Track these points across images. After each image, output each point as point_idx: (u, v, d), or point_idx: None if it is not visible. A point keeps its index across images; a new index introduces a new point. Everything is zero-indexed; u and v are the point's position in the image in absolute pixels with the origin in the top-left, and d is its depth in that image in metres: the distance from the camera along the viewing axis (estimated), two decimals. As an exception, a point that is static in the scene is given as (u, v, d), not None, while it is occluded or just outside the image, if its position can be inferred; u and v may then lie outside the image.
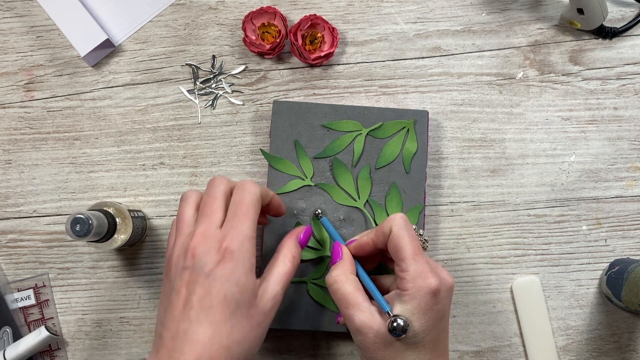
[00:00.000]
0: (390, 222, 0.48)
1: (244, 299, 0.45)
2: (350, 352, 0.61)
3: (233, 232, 0.45)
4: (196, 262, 0.45)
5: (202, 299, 0.44)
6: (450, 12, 0.64)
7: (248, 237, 0.46)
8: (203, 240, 0.45)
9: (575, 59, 0.63)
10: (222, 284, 0.44)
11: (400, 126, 0.60)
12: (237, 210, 0.46)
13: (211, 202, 0.47)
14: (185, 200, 0.50)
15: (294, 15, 0.64)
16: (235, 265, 0.44)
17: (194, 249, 0.45)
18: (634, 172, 0.63)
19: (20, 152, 0.63)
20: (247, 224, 0.46)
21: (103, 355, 0.62)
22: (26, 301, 0.62)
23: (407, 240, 0.47)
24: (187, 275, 0.45)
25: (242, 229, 0.46)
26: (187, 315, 0.44)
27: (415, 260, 0.46)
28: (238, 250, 0.45)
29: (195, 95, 0.63)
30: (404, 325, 0.44)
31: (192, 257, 0.45)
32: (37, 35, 0.64)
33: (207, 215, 0.47)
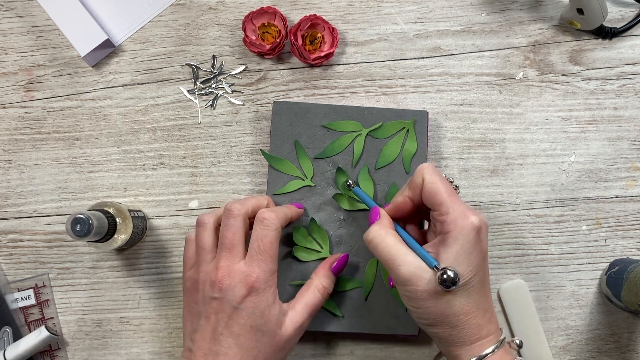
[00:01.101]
0: (422, 171, 0.48)
1: (269, 329, 0.49)
2: (350, 352, 0.61)
3: (258, 270, 0.49)
4: (224, 294, 0.48)
5: (230, 327, 0.48)
6: (450, 12, 0.64)
7: (272, 273, 0.49)
8: (229, 275, 0.49)
9: (575, 59, 0.64)
10: (249, 315, 0.48)
11: (400, 126, 0.60)
12: (259, 247, 0.49)
13: (230, 237, 0.50)
14: (202, 226, 0.52)
15: (294, 15, 0.64)
16: (260, 300, 0.48)
17: (220, 282, 0.49)
18: (634, 172, 0.63)
19: (20, 152, 0.63)
20: (270, 261, 0.49)
21: (103, 355, 0.62)
22: (26, 301, 0.62)
23: (441, 183, 0.47)
24: (216, 304, 0.49)
25: (265, 267, 0.49)
26: (218, 339, 0.48)
27: (452, 202, 0.47)
28: (263, 287, 0.49)
29: (195, 95, 0.63)
30: (454, 277, 0.44)
31: (220, 290, 0.48)
32: (37, 35, 0.64)
33: (229, 249, 0.50)
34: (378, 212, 0.51)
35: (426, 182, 0.48)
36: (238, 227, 0.50)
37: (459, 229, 0.46)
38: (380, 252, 0.48)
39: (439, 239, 0.47)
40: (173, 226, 0.62)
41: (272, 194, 0.59)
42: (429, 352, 0.61)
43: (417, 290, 0.46)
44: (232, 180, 0.62)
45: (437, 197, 0.47)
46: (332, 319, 0.58)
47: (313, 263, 0.59)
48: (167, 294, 0.62)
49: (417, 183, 0.49)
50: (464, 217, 0.46)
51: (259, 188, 0.62)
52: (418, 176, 0.49)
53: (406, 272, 0.46)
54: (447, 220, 0.46)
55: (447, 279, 0.44)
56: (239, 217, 0.50)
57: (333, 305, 0.58)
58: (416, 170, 0.49)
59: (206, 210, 0.62)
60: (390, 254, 0.47)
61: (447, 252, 0.46)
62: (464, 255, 0.45)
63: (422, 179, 0.48)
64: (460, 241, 0.45)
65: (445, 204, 0.47)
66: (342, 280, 0.59)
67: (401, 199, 0.50)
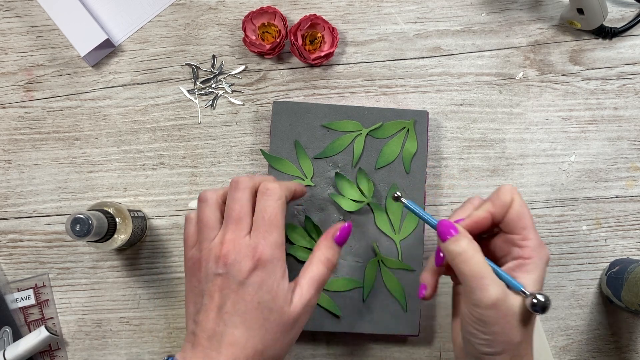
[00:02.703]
0: (512, 192, 0.47)
1: (277, 306, 0.46)
2: (350, 352, 0.61)
3: (264, 242, 0.46)
4: (229, 269, 0.45)
5: (236, 305, 0.45)
6: (450, 12, 0.64)
7: (278, 245, 0.47)
8: (234, 249, 0.46)
9: (575, 59, 0.63)
10: (256, 291, 0.45)
11: (400, 126, 0.60)
12: (264, 218, 0.47)
13: (238, 209, 0.47)
14: (205, 202, 0.49)
15: (294, 15, 0.64)
16: (267, 274, 0.45)
17: (225, 257, 0.46)
18: (634, 172, 0.62)
19: (20, 152, 0.63)
20: (276, 232, 0.47)
21: (103, 355, 0.62)
22: (26, 301, 0.62)
23: (527, 208, 0.47)
24: (220, 281, 0.46)
25: (272, 239, 0.46)
26: (223, 319, 0.45)
27: (534, 229, 0.46)
28: (270, 259, 0.46)
29: (195, 95, 0.63)
30: (545, 302, 0.43)
31: (225, 265, 0.45)
32: (37, 35, 0.64)
33: (234, 221, 0.47)
34: (454, 226, 0.46)
35: (516, 203, 0.47)
36: (245, 199, 0.47)
37: (539, 257, 0.45)
38: (471, 268, 0.44)
39: (515, 264, 0.46)
40: (173, 226, 0.62)
41: None
42: (429, 352, 0.61)
43: (499, 315, 0.44)
44: (232, 180, 0.62)
45: (524, 220, 0.46)
46: (332, 319, 0.58)
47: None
48: (167, 294, 0.62)
49: (504, 202, 0.47)
50: (542, 247, 0.46)
51: (259, 188, 0.62)
52: (506, 195, 0.47)
53: (494, 294, 0.43)
54: (529, 246, 0.46)
55: (538, 303, 0.43)
56: (246, 190, 0.48)
57: (333, 305, 0.58)
58: (502, 189, 0.48)
59: (206, 210, 0.62)
60: (482, 272, 0.44)
61: (528, 278, 0.45)
62: (539, 284, 0.45)
63: (512, 199, 0.47)
64: (539, 269, 0.45)
65: (530, 230, 0.46)
66: (342, 281, 0.59)
67: (484, 214, 0.48)
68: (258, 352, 0.45)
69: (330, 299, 0.58)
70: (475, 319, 0.44)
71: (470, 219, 0.48)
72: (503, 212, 0.47)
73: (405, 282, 0.59)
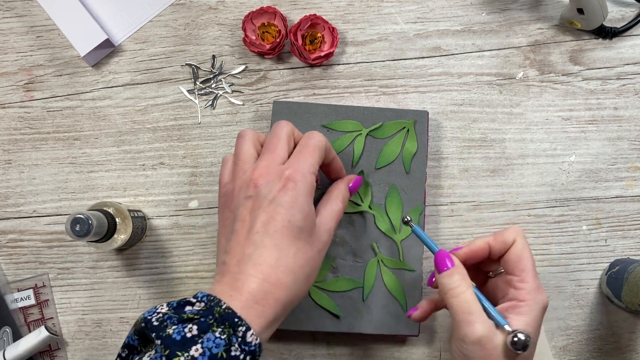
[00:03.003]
0: (515, 233, 0.49)
1: (307, 226, 0.46)
2: (350, 352, 0.61)
3: (296, 165, 0.46)
4: (260, 190, 0.45)
5: (266, 224, 0.44)
6: (450, 12, 0.64)
7: (310, 172, 0.47)
8: (267, 173, 0.46)
9: (575, 59, 0.63)
10: (286, 209, 0.45)
11: (400, 126, 0.60)
12: (303, 149, 0.47)
13: (276, 142, 0.48)
14: (243, 137, 0.50)
15: (294, 15, 0.64)
16: (298, 193, 0.45)
17: (256, 180, 0.46)
18: (634, 172, 0.62)
19: (20, 152, 0.63)
20: (310, 161, 0.47)
21: (103, 355, 0.62)
22: (26, 301, 0.62)
23: (529, 253, 0.48)
24: (251, 203, 0.45)
25: (305, 163, 0.47)
26: (252, 240, 0.44)
27: (534, 273, 0.47)
28: (301, 180, 0.46)
29: (195, 95, 0.63)
30: (526, 340, 0.44)
31: (255, 187, 0.45)
32: (37, 35, 0.64)
33: (270, 151, 0.47)
34: (450, 258, 0.48)
35: (518, 244, 0.48)
36: (284, 136, 0.48)
37: (535, 301, 0.46)
38: (458, 304, 0.46)
39: (509, 305, 0.47)
40: (173, 226, 0.62)
41: None
42: (429, 352, 0.61)
43: (482, 351, 0.45)
44: (232, 180, 0.62)
45: (524, 262, 0.47)
46: (332, 319, 0.58)
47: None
48: (167, 294, 0.62)
49: (506, 240, 0.49)
50: (540, 291, 0.47)
51: (259, 188, 0.62)
52: (510, 235, 0.49)
53: (479, 331, 0.45)
54: (526, 289, 0.46)
55: (518, 341, 0.44)
56: (287, 127, 0.49)
57: (333, 305, 0.58)
58: (509, 229, 0.49)
59: (206, 210, 0.62)
60: (470, 308, 0.46)
61: (518, 320, 0.45)
62: (531, 328, 0.45)
63: (514, 239, 0.48)
64: (533, 313, 0.46)
65: (529, 273, 0.47)
66: (342, 281, 0.59)
67: (482, 244, 0.50)
68: (289, 270, 0.44)
69: (330, 299, 0.58)
70: (461, 353, 0.46)
71: (468, 247, 0.50)
72: (502, 249, 0.49)
73: (406, 282, 0.59)
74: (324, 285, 0.59)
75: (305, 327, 0.58)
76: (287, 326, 0.58)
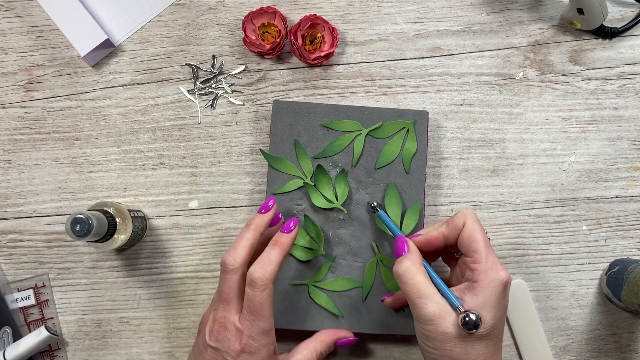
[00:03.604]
0: (464, 216, 0.50)
1: None
2: (350, 352, 0.61)
3: (250, 330, 0.50)
4: (219, 345, 0.50)
5: None
6: (450, 12, 0.64)
7: (265, 332, 0.50)
8: (224, 327, 0.50)
9: (575, 59, 0.63)
10: None
11: (400, 126, 0.60)
12: (250, 308, 0.50)
13: (227, 291, 0.51)
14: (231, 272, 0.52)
15: (294, 15, 0.64)
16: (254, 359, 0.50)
17: (217, 332, 0.50)
18: (634, 172, 0.62)
19: (20, 152, 0.63)
20: (262, 321, 0.50)
21: (103, 355, 0.62)
22: (26, 301, 0.62)
23: (480, 233, 0.49)
24: (211, 353, 0.50)
25: (258, 327, 0.50)
26: None
27: (487, 253, 0.48)
28: (257, 347, 0.50)
29: (195, 95, 0.63)
30: (476, 320, 0.45)
31: (216, 340, 0.50)
32: (37, 35, 0.64)
33: (225, 302, 0.51)
34: (406, 243, 0.51)
35: (467, 227, 0.50)
36: (233, 281, 0.51)
37: (489, 280, 0.47)
38: (409, 289, 0.48)
39: (465, 285, 0.49)
40: (173, 226, 0.62)
41: (272, 193, 0.59)
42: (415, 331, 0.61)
43: (437, 331, 0.47)
44: (232, 180, 0.62)
45: (474, 244, 0.49)
46: (331, 319, 0.58)
47: (312, 262, 0.59)
48: (167, 294, 0.62)
49: (457, 225, 0.50)
50: (495, 270, 0.48)
51: (258, 188, 0.62)
52: (459, 219, 0.50)
53: (431, 312, 0.47)
54: (478, 269, 0.48)
55: (469, 321, 0.45)
56: (232, 272, 0.51)
57: (333, 305, 0.58)
58: (458, 213, 0.51)
59: (206, 210, 0.62)
60: (420, 291, 0.48)
61: (473, 299, 0.47)
62: (489, 307, 0.47)
63: (464, 223, 0.50)
64: (488, 292, 0.47)
65: (480, 253, 0.48)
66: (342, 281, 0.59)
67: (436, 234, 0.52)
68: None
69: (330, 299, 0.58)
70: (421, 334, 0.49)
71: (423, 237, 0.52)
72: (455, 235, 0.51)
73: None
74: (323, 285, 0.59)
75: (305, 327, 0.58)
76: (287, 326, 0.58)
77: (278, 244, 0.52)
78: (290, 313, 0.58)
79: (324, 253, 0.59)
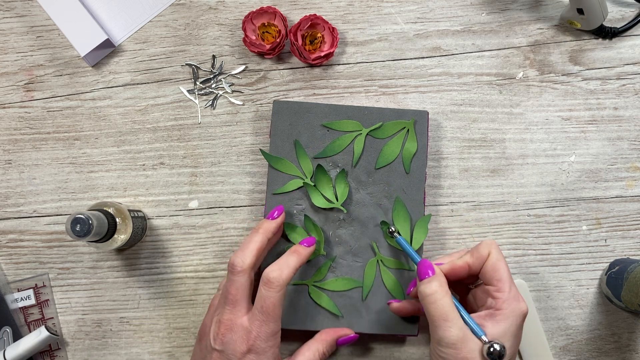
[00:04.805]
0: (489, 246, 0.52)
1: None
2: (350, 352, 0.61)
3: (259, 330, 0.50)
4: (225, 348, 0.50)
5: None
6: (450, 12, 0.64)
7: (273, 333, 0.50)
8: (231, 330, 0.50)
9: (575, 59, 0.63)
10: None
11: (401, 126, 0.60)
12: (262, 308, 0.50)
13: (234, 292, 0.51)
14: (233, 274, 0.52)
15: (294, 15, 0.64)
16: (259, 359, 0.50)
17: (223, 335, 0.50)
18: (634, 172, 0.63)
19: (20, 152, 0.63)
20: (273, 323, 0.50)
21: (103, 355, 0.62)
22: (26, 301, 0.62)
23: (504, 263, 0.51)
24: (216, 356, 0.50)
25: (268, 328, 0.50)
26: None
27: (510, 283, 0.50)
28: (264, 348, 0.50)
29: (195, 95, 0.63)
30: (501, 350, 0.46)
31: (222, 343, 0.50)
32: (37, 35, 0.64)
33: (232, 303, 0.51)
34: (432, 267, 0.51)
35: (492, 257, 0.51)
36: (241, 283, 0.51)
37: (511, 309, 0.48)
38: (436, 310, 0.49)
39: (486, 313, 0.49)
40: (173, 226, 0.62)
41: (272, 193, 0.59)
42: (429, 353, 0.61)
43: (457, 356, 0.47)
44: (232, 180, 0.62)
45: (499, 273, 0.50)
46: (331, 319, 0.58)
47: (312, 262, 0.59)
48: (167, 294, 0.62)
49: (482, 254, 0.51)
50: (517, 300, 0.49)
51: (258, 188, 0.62)
52: (484, 249, 0.51)
53: (454, 336, 0.47)
54: (502, 298, 0.49)
55: (494, 351, 0.46)
56: (241, 274, 0.51)
57: (333, 305, 0.58)
58: (482, 243, 0.52)
59: (206, 210, 0.62)
60: (446, 314, 0.48)
61: (495, 327, 0.48)
62: (509, 335, 0.48)
63: (489, 252, 0.51)
64: (510, 321, 0.48)
65: (505, 282, 0.50)
66: (341, 281, 0.59)
67: (461, 263, 0.52)
68: None
69: (330, 299, 0.58)
70: (437, 355, 0.48)
71: (448, 265, 0.53)
72: (480, 264, 0.51)
73: (405, 282, 0.59)
74: (323, 284, 0.59)
75: (305, 327, 0.58)
76: (287, 326, 0.58)
77: (297, 253, 0.53)
78: (290, 313, 0.58)
79: (324, 253, 0.59)
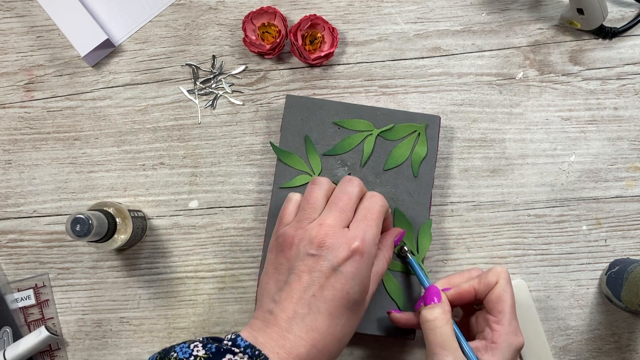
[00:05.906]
0: (498, 275, 0.51)
1: (361, 298, 0.47)
2: (350, 352, 0.61)
3: (364, 235, 0.47)
4: (325, 252, 0.45)
5: (324, 289, 0.45)
6: (450, 12, 0.64)
7: (375, 243, 0.48)
8: (334, 234, 0.46)
9: (575, 59, 0.63)
10: (347, 281, 0.45)
11: (412, 129, 0.60)
12: (368, 214, 0.48)
13: (347, 200, 0.49)
14: (319, 185, 0.50)
15: (294, 15, 0.64)
16: (362, 266, 0.46)
17: (322, 239, 0.46)
18: (634, 172, 0.63)
19: (20, 152, 0.63)
20: (375, 231, 0.48)
21: (103, 355, 0.62)
22: (26, 301, 0.62)
23: (510, 295, 0.50)
24: (312, 262, 0.45)
25: (371, 234, 0.48)
26: (307, 300, 0.45)
27: (511, 317, 0.50)
28: (367, 253, 0.47)
29: (195, 95, 0.63)
30: None
31: (320, 247, 0.46)
32: (37, 35, 0.64)
33: (340, 209, 0.48)
34: (438, 294, 0.51)
35: (498, 287, 0.50)
36: (355, 195, 0.49)
37: (507, 344, 0.49)
38: (435, 337, 0.48)
39: (483, 345, 0.49)
40: (173, 226, 0.62)
41: (279, 187, 0.59)
42: None
43: None
44: (232, 180, 0.63)
45: (502, 305, 0.50)
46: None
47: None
48: (167, 294, 0.62)
49: (489, 282, 0.51)
50: (515, 335, 0.49)
51: (258, 188, 0.62)
52: (493, 277, 0.51)
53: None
54: (499, 332, 0.49)
55: None
56: (358, 187, 0.50)
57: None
58: (492, 270, 0.51)
59: (206, 210, 0.62)
60: (444, 342, 0.48)
61: None
62: None
63: (497, 281, 0.51)
64: (504, 355, 0.48)
65: (505, 315, 0.49)
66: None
67: (467, 288, 0.52)
68: (337, 339, 0.46)
69: None
70: None
71: (455, 290, 0.53)
72: (485, 291, 0.51)
73: (404, 285, 0.59)
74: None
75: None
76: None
77: None
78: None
79: None
